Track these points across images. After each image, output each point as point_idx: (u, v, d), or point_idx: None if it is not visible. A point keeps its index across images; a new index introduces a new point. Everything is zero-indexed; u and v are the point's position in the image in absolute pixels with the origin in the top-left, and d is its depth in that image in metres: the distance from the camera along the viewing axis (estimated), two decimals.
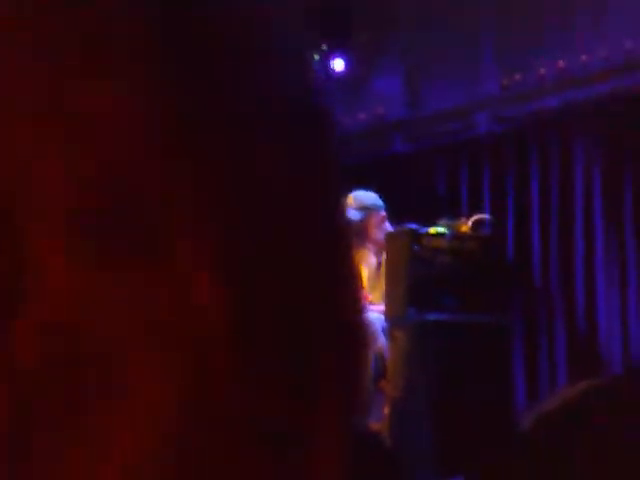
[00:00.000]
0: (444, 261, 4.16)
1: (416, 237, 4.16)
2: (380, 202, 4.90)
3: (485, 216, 4.31)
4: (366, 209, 4.83)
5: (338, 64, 6.68)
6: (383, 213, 4.84)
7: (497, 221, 5.75)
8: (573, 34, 5.73)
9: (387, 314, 4.23)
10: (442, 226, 4.24)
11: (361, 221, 4.80)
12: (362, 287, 4.87)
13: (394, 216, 4.92)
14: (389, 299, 4.21)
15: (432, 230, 4.22)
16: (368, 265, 4.89)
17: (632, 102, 5.49)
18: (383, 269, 4.68)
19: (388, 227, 4.81)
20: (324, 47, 6.68)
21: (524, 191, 5.92)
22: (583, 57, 5.74)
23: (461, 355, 4.05)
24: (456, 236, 4.21)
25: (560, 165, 5.81)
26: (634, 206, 5.44)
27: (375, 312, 4.52)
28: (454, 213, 6.05)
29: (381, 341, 4.40)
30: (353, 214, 4.82)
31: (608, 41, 5.62)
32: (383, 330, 4.40)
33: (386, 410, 4.23)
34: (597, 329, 5.43)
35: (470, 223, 4.26)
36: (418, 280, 4.12)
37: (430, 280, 4.13)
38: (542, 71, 5.91)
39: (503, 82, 6.06)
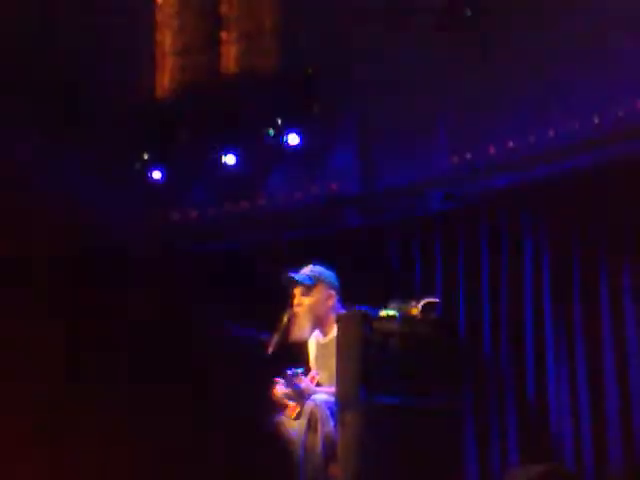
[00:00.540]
0: (395, 344, 4.20)
1: (367, 320, 4.20)
2: (335, 281, 4.95)
3: (435, 299, 4.36)
4: (317, 280, 4.88)
5: (292, 138, 6.76)
6: (333, 292, 4.88)
7: (448, 300, 5.83)
8: (523, 115, 5.87)
9: (338, 397, 4.25)
10: (393, 309, 4.29)
11: (308, 287, 4.84)
12: (309, 367, 4.90)
13: (346, 292, 4.97)
14: (340, 382, 4.23)
15: (383, 313, 4.26)
16: (316, 342, 4.93)
17: (580, 182, 5.62)
18: (331, 350, 4.73)
19: (338, 308, 4.85)
20: (279, 121, 6.77)
21: (475, 269, 6.00)
22: (532, 138, 5.87)
23: (412, 439, 4.07)
24: (407, 319, 4.26)
25: (510, 244, 5.91)
26: (582, 285, 5.54)
27: (324, 394, 4.54)
28: (406, 290, 6.12)
29: (330, 424, 4.41)
30: (304, 277, 4.87)
31: (556, 123, 5.76)
32: (332, 413, 4.42)
33: None
34: (548, 409, 5.48)
35: (420, 306, 4.31)
36: (369, 363, 4.15)
37: (381, 363, 4.16)
38: (492, 150, 6.03)
39: (454, 160, 6.18)
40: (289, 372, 4.63)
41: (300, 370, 4.68)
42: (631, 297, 5.32)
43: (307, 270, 4.97)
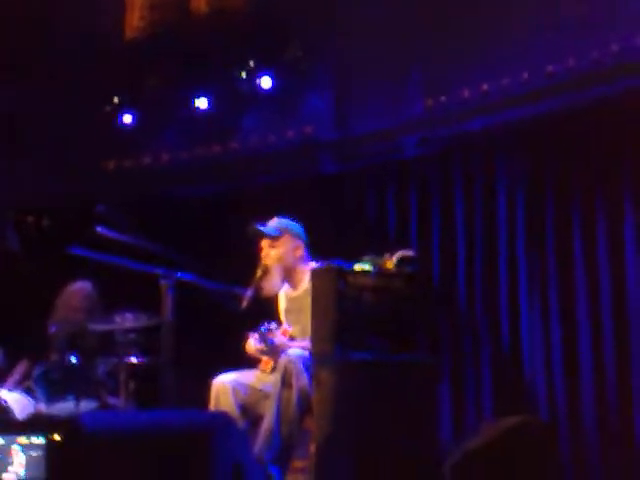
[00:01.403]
0: (369, 299, 4.17)
1: (341, 275, 4.16)
2: (302, 233, 4.91)
3: (409, 252, 4.32)
4: (284, 231, 4.85)
5: (265, 81, 6.64)
6: (300, 243, 4.84)
7: (423, 249, 5.81)
8: (496, 58, 5.80)
9: (312, 353, 4.24)
10: (367, 262, 4.25)
11: (274, 238, 4.81)
12: (280, 320, 4.89)
13: (320, 243, 4.94)
14: (315, 338, 4.22)
15: (357, 267, 4.22)
16: (285, 296, 4.91)
17: (554, 125, 5.57)
18: (301, 303, 4.71)
19: (307, 260, 4.82)
20: (251, 64, 6.65)
21: (449, 215, 5.97)
22: (505, 80, 5.80)
23: (387, 394, 4.07)
24: (381, 273, 4.23)
25: (483, 189, 5.88)
26: (555, 231, 5.53)
27: (298, 349, 4.53)
28: (381, 237, 6.09)
29: (304, 379, 4.41)
30: (269, 229, 4.83)
31: (530, 65, 5.69)
32: (306, 366, 4.42)
33: (312, 448, 4.25)
34: (521, 361, 5.51)
35: (394, 260, 4.28)
36: (344, 319, 4.12)
37: (356, 318, 4.13)
38: (465, 94, 5.96)
39: (428, 104, 6.10)
40: (262, 327, 4.61)
41: (274, 325, 4.66)
42: (605, 239, 5.32)
43: (273, 221, 4.93)
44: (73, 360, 5.20)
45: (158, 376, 4.87)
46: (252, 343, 4.72)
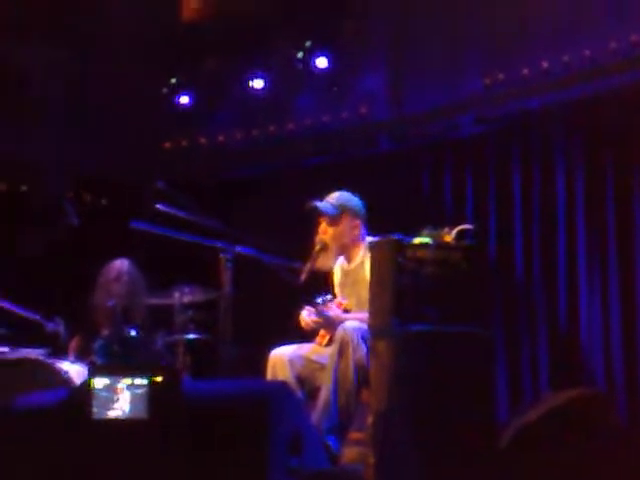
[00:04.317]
0: (428, 272, 4.16)
1: (400, 248, 4.15)
2: (360, 209, 4.89)
3: (468, 226, 4.30)
4: (342, 209, 4.84)
5: (321, 61, 6.66)
6: (358, 221, 4.84)
7: (480, 225, 5.78)
8: (556, 35, 5.73)
9: (370, 325, 4.24)
10: (426, 236, 4.24)
11: (333, 217, 4.81)
12: (334, 293, 4.90)
13: (377, 220, 4.93)
14: (373, 310, 4.22)
15: (416, 240, 4.21)
16: (340, 269, 4.92)
17: (616, 102, 5.50)
18: (356, 276, 4.72)
19: (364, 235, 4.82)
20: (308, 44, 6.67)
21: (506, 193, 5.93)
22: (566, 57, 5.73)
23: (444, 366, 4.06)
24: (440, 246, 4.21)
25: (542, 167, 5.83)
26: (616, 209, 5.46)
27: (354, 321, 4.54)
28: (438, 215, 6.07)
29: (361, 350, 4.41)
30: (328, 207, 4.83)
31: (592, 41, 5.62)
32: (363, 338, 4.42)
33: (369, 420, 4.25)
34: (579, 336, 5.47)
35: (453, 233, 4.26)
36: (402, 291, 4.12)
37: (414, 291, 4.13)
38: (525, 71, 5.91)
39: (486, 82, 6.06)
40: (318, 300, 4.63)
41: (329, 297, 4.67)
42: None
43: (332, 198, 4.91)
44: (133, 333, 5.28)
45: (216, 351, 4.93)
46: (305, 315, 4.73)
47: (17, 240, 6.88)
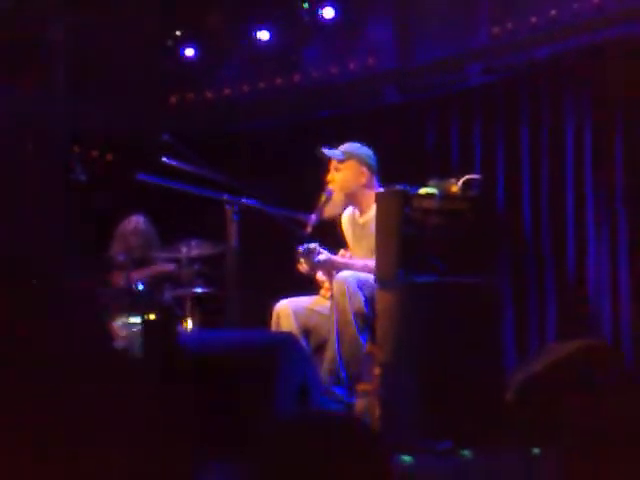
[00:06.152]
0: (434, 222, 4.15)
1: (406, 198, 4.13)
2: (369, 158, 4.86)
3: (475, 176, 4.27)
4: (349, 155, 4.81)
5: (328, 12, 6.58)
6: (365, 169, 4.80)
7: (487, 177, 5.74)
8: None
9: (376, 276, 4.23)
10: (432, 187, 4.21)
11: (339, 162, 4.79)
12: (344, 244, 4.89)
13: (384, 171, 4.90)
14: (379, 260, 4.21)
15: (422, 191, 4.19)
16: (353, 221, 4.88)
17: (626, 51, 5.42)
18: (368, 229, 4.68)
19: (376, 186, 4.79)
20: None
21: (514, 144, 5.88)
22: (575, 5, 5.65)
23: (450, 316, 4.06)
24: (446, 197, 4.19)
25: (550, 117, 5.77)
26: (625, 161, 5.41)
27: (349, 271, 4.50)
28: (445, 165, 6.04)
29: (359, 299, 4.39)
30: (334, 153, 4.81)
31: None
32: (359, 287, 4.40)
33: (376, 371, 4.26)
34: (587, 286, 5.45)
35: (460, 184, 4.24)
36: (408, 241, 4.11)
37: (420, 242, 4.12)
38: (533, 20, 5.83)
39: (494, 31, 5.98)
40: (301, 248, 4.57)
41: (313, 244, 4.59)
42: None
43: (342, 147, 4.89)
44: (140, 287, 5.29)
45: (223, 304, 4.93)
46: (302, 265, 4.68)
47: None
